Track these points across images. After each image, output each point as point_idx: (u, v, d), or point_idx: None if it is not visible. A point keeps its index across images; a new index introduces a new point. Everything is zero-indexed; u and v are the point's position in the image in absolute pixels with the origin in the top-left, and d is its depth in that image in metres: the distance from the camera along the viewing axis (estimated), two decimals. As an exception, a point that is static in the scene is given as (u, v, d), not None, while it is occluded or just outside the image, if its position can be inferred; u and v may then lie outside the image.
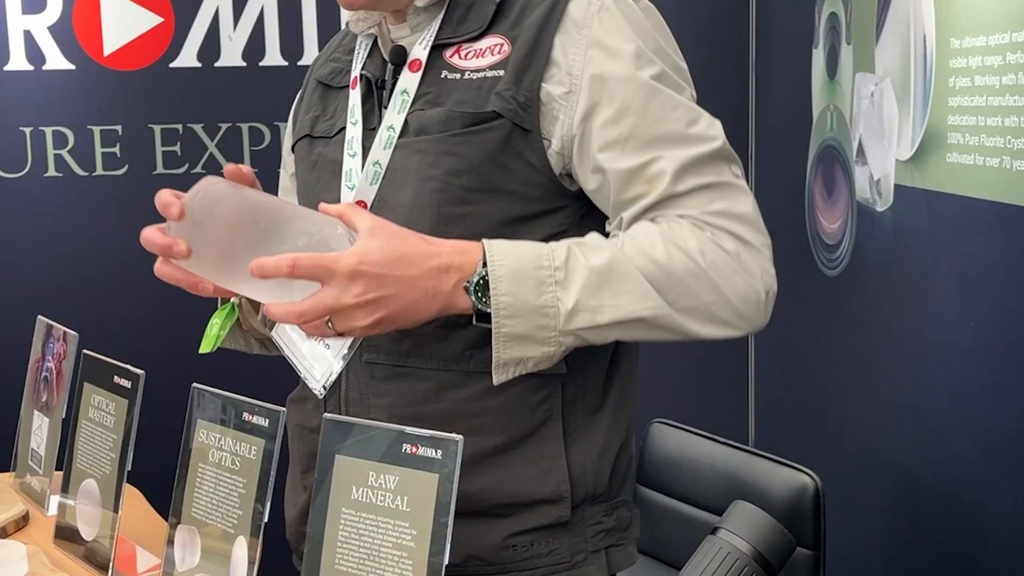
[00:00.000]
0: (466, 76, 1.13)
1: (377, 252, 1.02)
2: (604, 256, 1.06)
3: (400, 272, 1.03)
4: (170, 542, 1.19)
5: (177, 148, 2.52)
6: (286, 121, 1.37)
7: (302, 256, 1.00)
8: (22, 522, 1.45)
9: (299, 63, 2.51)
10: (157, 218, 1.09)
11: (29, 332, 1.61)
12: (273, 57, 2.52)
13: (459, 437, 0.99)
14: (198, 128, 2.53)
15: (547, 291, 1.04)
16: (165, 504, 1.24)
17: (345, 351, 1.14)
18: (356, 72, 1.21)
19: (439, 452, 1.00)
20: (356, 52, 1.23)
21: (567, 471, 1.15)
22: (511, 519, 1.15)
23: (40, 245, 2.53)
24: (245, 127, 2.54)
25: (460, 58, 1.14)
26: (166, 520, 1.22)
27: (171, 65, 2.50)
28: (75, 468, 1.40)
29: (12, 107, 2.47)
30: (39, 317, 1.60)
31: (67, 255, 2.54)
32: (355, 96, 1.20)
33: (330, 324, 1.03)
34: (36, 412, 1.56)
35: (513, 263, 1.04)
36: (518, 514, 1.15)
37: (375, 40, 1.22)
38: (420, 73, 1.15)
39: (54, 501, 1.47)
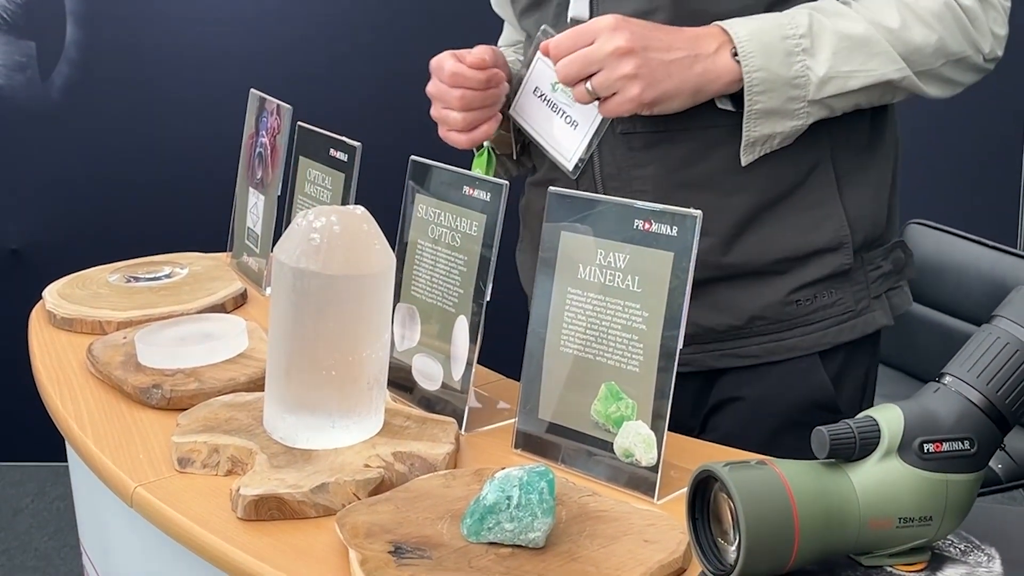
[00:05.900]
0: None
1: (634, 23, 1.12)
2: (848, 21, 1.14)
3: (659, 33, 1.12)
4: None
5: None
6: None
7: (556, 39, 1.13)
8: (240, 300, 1.57)
9: None
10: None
11: (241, 109, 1.68)
12: None
13: (698, 212, 0.99)
14: None
15: (796, 61, 1.12)
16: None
17: (597, 124, 1.20)
18: None
19: (675, 228, 1.00)
20: None
21: (844, 215, 1.21)
22: (792, 274, 1.22)
23: (251, 21, 2.62)
24: None
25: None
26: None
27: None
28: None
29: None
30: (252, 91, 1.66)
31: (277, 32, 2.63)
32: None
33: (590, 87, 1.11)
34: (251, 189, 1.65)
35: (759, 36, 1.11)
36: (799, 267, 1.22)
37: None
38: None
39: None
